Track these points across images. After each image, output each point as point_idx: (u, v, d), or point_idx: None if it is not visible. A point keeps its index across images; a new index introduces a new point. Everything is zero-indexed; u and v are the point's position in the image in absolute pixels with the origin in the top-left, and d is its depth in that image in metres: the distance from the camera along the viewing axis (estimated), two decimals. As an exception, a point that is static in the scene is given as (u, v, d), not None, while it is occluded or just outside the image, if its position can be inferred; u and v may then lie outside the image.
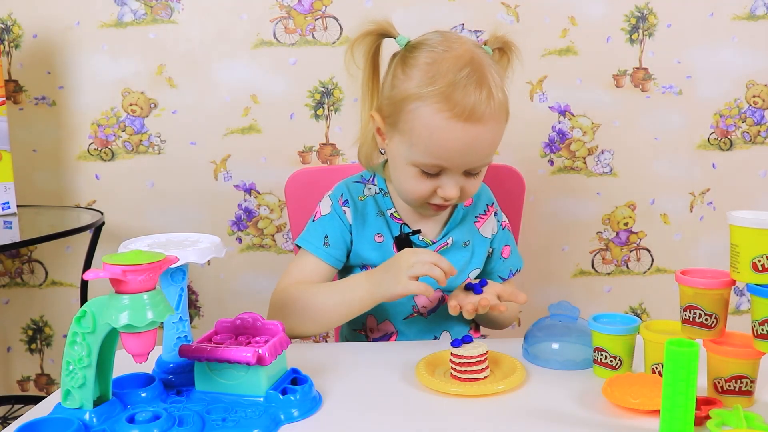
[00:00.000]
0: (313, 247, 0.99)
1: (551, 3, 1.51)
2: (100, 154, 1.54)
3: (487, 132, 0.87)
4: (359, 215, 1.01)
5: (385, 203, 1.02)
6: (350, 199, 1.01)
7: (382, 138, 0.96)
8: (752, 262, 0.68)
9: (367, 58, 0.93)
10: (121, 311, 0.60)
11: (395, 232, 1.00)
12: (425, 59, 0.88)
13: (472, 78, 0.84)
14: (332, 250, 0.99)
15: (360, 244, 1.00)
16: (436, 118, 0.85)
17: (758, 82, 1.57)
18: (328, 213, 1.01)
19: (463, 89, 0.84)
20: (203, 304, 1.61)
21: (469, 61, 0.86)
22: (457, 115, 0.84)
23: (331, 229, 1.00)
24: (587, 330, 0.83)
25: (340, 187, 1.04)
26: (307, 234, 1.01)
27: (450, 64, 0.85)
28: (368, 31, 0.92)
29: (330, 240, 0.99)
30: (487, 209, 1.07)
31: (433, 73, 0.86)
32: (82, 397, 0.66)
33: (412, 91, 0.87)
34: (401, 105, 0.88)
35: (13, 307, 1.61)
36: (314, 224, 1.02)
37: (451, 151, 0.87)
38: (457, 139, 0.86)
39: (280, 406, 0.70)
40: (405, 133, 0.89)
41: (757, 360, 0.72)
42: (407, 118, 0.88)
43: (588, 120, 1.57)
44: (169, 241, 0.77)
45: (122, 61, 1.50)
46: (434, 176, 0.90)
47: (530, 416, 0.71)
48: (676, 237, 1.63)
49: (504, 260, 1.09)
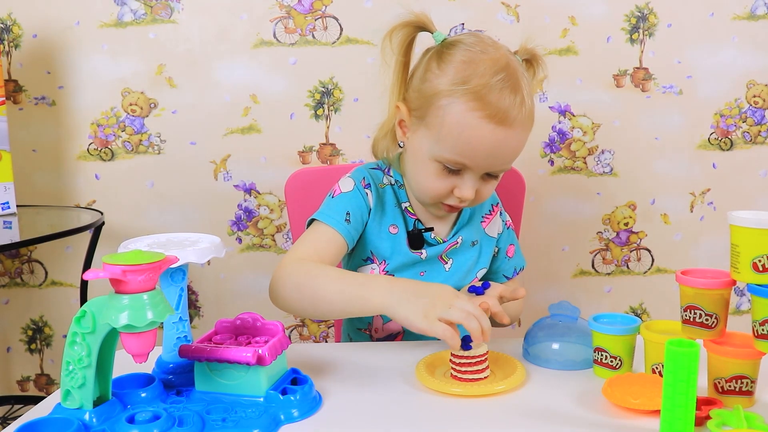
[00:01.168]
0: (334, 221, 0.95)
1: (551, 3, 1.51)
2: (100, 154, 1.54)
3: (514, 137, 0.88)
4: (379, 201, 0.99)
5: (401, 196, 1.01)
6: (372, 184, 1.00)
7: (403, 131, 0.96)
8: (753, 262, 0.68)
9: (401, 48, 0.93)
10: (121, 311, 0.60)
11: (410, 226, 1.00)
12: (462, 57, 0.88)
13: (507, 83, 0.86)
14: (352, 227, 0.96)
15: (373, 230, 0.99)
16: (468, 116, 0.86)
17: (759, 82, 1.57)
18: (350, 190, 0.98)
19: (499, 92, 0.85)
20: (203, 304, 1.61)
21: (505, 65, 0.87)
22: (490, 116, 0.85)
23: (353, 205, 0.97)
24: (587, 330, 0.83)
25: (361, 171, 1.02)
26: (326, 209, 0.97)
27: (487, 66, 0.86)
28: (408, 21, 0.92)
29: (351, 217, 0.96)
30: (492, 209, 1.07)
31: (470, 72, 0.86)
32: (82, 398, 0.66)
33: (446, 87, 0.87)
34: (432, 99, 0.89)
35: (13, 307, 1.61)
36: (334, 200, 0.98)
37: (477, 150, 0.88)
38: (486, 139, 0.86)
39: (280, 406, 0.70)
40: (433, 127, 0.89)
41: (758, 360, 0.72)
42: (438, 113, 0.88)
43: (588, 120, 1.57)
44: (169, 241, 0.77)
45: (122, 61, 1.50)
46: (454, 175, 0.91)
47: (530, 416, 0.71)
48: (677, 237, 1.63)
49: (509, 259, 1.10)
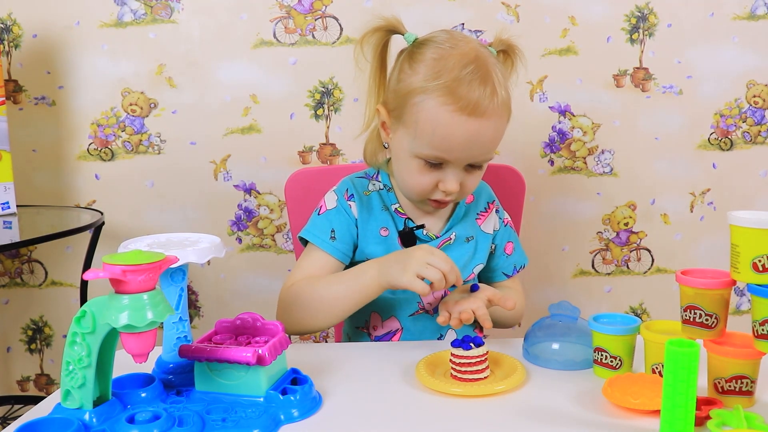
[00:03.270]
0: (320, 240, 0.99)
1: (551, 3, 1.51)
2: (100, 154, 1.54)
3: (489, 127, 0.89)
4: (365, 209, 1.01)
5: (390, 198, 1.03)
6: (355, 194, 1.02)
7: (386, 132, 0.98)
8: (752, 262, 0.68)
9: (375, 53, 0.96)
10: (121, 311, 0.60)
11: (400, 226, 1.01)
12: (432, 55, 0.90)
13: (476, 74, 0.87)
14: (339, 244, 0.99)
15: (365, 238, 1.00)
16: (441, 111, 0.87)
17: (759, 82, 1.57)
18: (333, 207, 1.01)
19: (468, 84, 0.86)
20: (203, 304, 1.61)
21: (474, 58, 0.89)
22: (461, 109, 0.86)
23: (338, 223, 1.00)
24: (587, 330, 0.83)
25: (345, 183, 1.04)
26: (312, 227, 1.01)
27: (456, 60, 0.88)
28: (378, 26, 0.95)
29: (336, 234, 0.99)
30: (487, 207, 1.08)
31: (439, 68, 0.88)
32: (82, 398, 0.66)
33: (418, 85, 0.89)
34: (407, 98, 0.91)
35: (13, 307, 1.61)
36: (320, 218, 1.01)
37: (454, 143, 0.89)
38: (460, 132, 0.88)
39: (280, 406, 0.70)
40: (409, 125, 0.91)
41: (758, 360, 0.72)
42: (412, 110, 0.90)
43: (588, 120, 1.57)
44: (169, 241, 0.77)
45: (122, 60, 1.50)
46: (436, 169, 0.92)
47: (530, 416, 0.71)
48: (677, 237, 1.63)
49: (507, 257, 1.10)
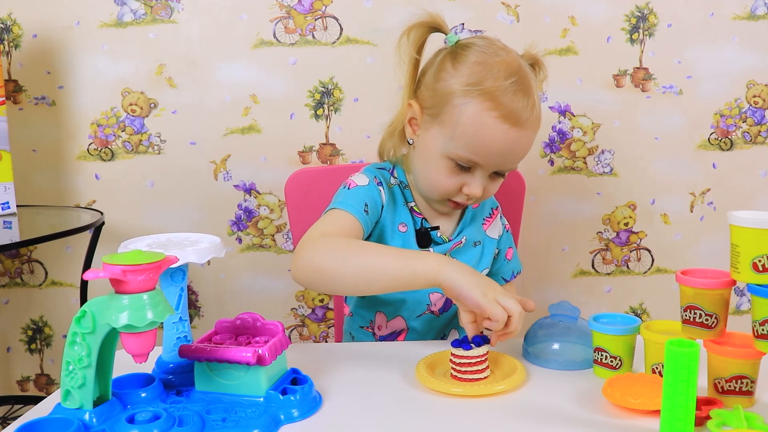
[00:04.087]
0: (354, 209, 0.93)
1: (551, 3, 1.51)
2: (100, 154, 1.54)
3: (524, 138, 0.91)
4: (392, 199, 1.01)
5: (407, 196, 1.03)
6: (383, 182, 1.01)
7: (413, 129, 0.98)
8: (752, 262, 0.68)
9: (415, 47, 0.95)
10: (121, 311, 0.60)
11: (416, 225, 1.01)
12: (476, 58, 0.91)
13: (520, 86, 0.89)
14: (370, 218, 0.95)
15: (387, 228, 0.99)
16: (484, 116, 0.88)
17: (759, 82, 1.57)
18: (365, 184, 0.98)
19: (513, 94, 0.88)
20: (203, 304, 1.61)
21: (517, 69, 0.91)
22: (504, 117, 0.88)
23: (370, 198, 0.96)
24: (587, 330, 0.83)
25: (372, 170, 1.02)
26: (344, 199, 0.95)
27: (501, 68, 0.89)
28: (423, 21, 0.95)
29: (369, 209, 0.95)
30: (492, 213, 1.10)
31: (484, 73, 0.89)
32: (82, 398, 0.66)
33: (461, 87, 0.90)
34: (447, 98, 0.91)
35: (13, 307, 1.61)
36: (351, 191, 0.97)
37: (491, 149, 0.90)
38: (499, 138, 0.89)
39: (280, 406, 0.70)
40: (447, 125, 0.91)
41: (758, 360, 0.72)
42: (453, 111, 0.90)
43: (588, 120, 1.57)
44: (169, 241, 0.77)
45: (122, 61, 1.50)
46: (464, 173, 0.93)
47: (530, 416, 0.71)
48: (677, 237, 1.63)
49: (508, 262, 1.12)
